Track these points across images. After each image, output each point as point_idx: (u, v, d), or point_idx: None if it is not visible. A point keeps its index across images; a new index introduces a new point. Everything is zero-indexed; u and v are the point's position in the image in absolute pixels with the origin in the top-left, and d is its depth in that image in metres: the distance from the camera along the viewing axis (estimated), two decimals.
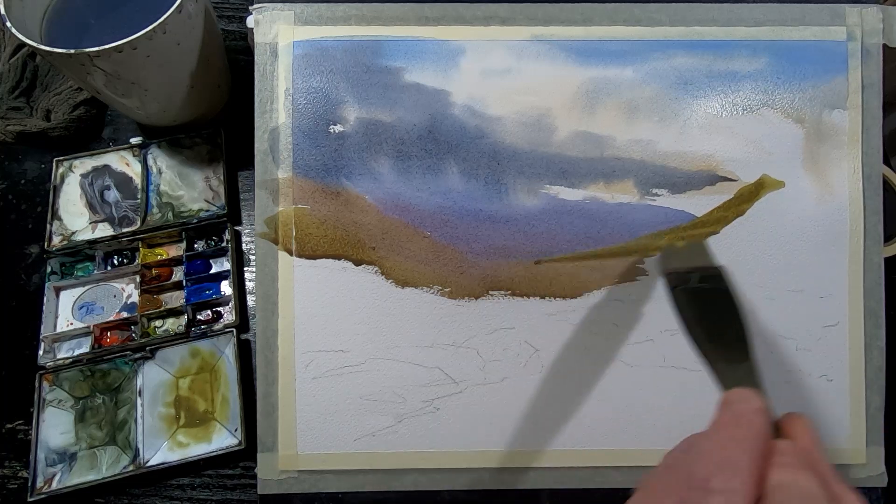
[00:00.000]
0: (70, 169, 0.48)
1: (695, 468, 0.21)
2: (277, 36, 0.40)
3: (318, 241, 0.39)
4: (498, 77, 0.40)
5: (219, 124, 0.50)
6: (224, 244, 0.46)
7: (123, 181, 0.48)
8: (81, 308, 0.45)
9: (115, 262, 0.46)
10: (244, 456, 0.41)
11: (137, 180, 0.48)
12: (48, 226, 0.46)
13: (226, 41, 0.52)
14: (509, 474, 0.39)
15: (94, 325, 0.43)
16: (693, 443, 0.23)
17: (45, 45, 0.37)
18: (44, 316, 0.43)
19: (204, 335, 0.43)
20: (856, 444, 0.39)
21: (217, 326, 0.44)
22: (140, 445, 0.40)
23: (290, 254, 0.39)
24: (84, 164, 0.49)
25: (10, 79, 0.51)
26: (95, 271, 0.46)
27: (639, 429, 0.39)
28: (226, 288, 0.45)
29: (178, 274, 0.46)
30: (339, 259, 0.39)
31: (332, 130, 0.39)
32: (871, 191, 0.39)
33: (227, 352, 0.43)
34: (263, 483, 0.38)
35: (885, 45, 0.40)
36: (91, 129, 0.51)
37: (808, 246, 0.39)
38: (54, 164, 0.48)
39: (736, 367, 0.26)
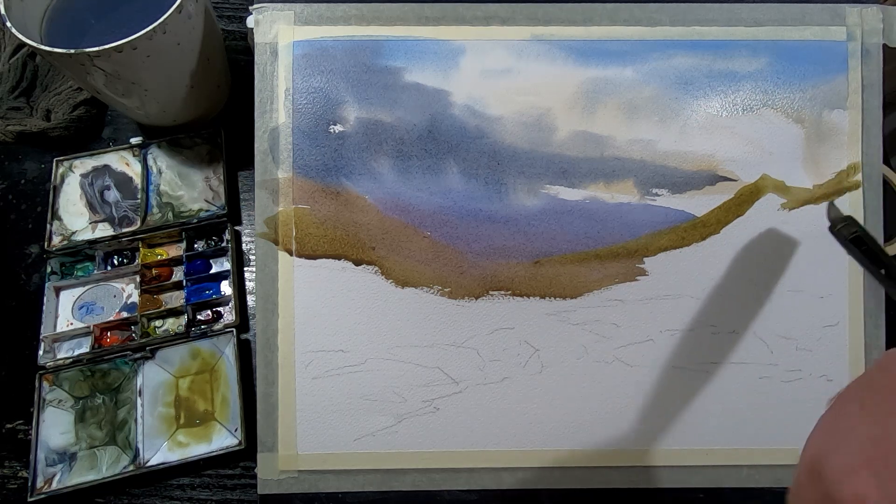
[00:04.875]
0: (70, 169, 0.48)
1: None
2: (277, 36, 0.40)
3: (318, 241, 0.39)
4: (498, 77, 0.40)
5: (219, 124, 0.50)
6: (224, 244, 0.46)
7: (123, 181, 0.48)
8: (81, 308, 0.45)
9: (115, 262, 0.46)
10: (244, 456, 0.41)
11: (137, 180, 0.48)
12: (48, 226, 0.46)
13: (226, 41, 0.52)
14: (509, 474, 0.39)
15: (94, 325, 0.43)
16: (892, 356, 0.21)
17: (45, 45, 0.37)
18: (44, 316, 0.43)
19: (204, 335, 0.43)
20: None
21: (217, 326, 0.44)
22: (140, 445, 0.40)
23: (290, 254, 0.39)
24: (84, 164, 0.49)
25: (10, 79, 0.51)
26: (95, 271, 0.46)
27: (638, 429, 0.39)
28: (226, 288, 0.45)
29: (178, 274, 0.46)
30: (339, 259, 0.39)
31: (332, 130, 0.39)
32: (871, 191, 0.39)
33: (227, 352, 0.43)
34: (263, 483, 0.38)
35: (885, 45, 0.40)
36: (91, 129, 0.51)
37: (808, 246, 0.39)
38: (54, 164, 0.48)
39: None
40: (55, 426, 0.41)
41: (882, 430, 0.18)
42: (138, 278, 0.45)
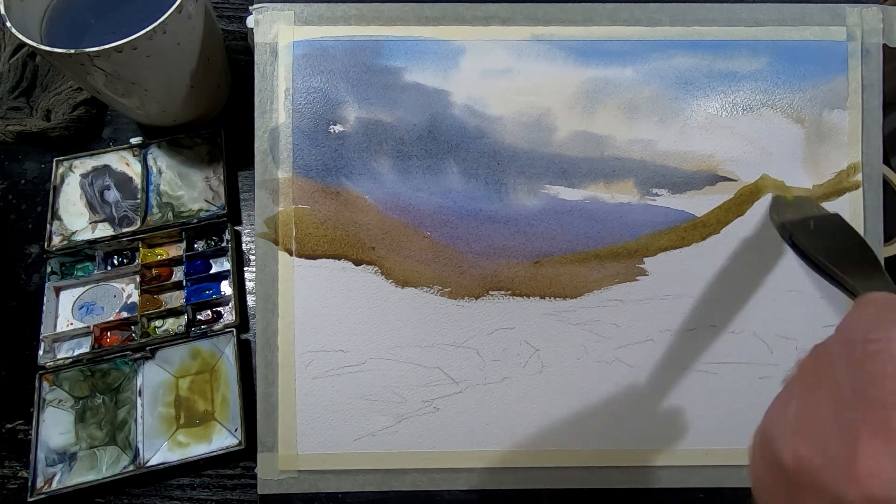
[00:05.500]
0: (70, 169, 0.48)
1: (849, 334, 0.22)
2: (277, 36, 0.40)
3: (318, 241, 0.39)
4: (498, 77, 0.40)
5: (219, 124, 0.50)
6: (224, 244, 0.46)
7: (123, 181, 0.48)
8: (81, 308, 0.45)
9: (115, 262, 0.46)
10: (244, 456, 0.41)
11: (137, 180, 0.48)
12: (48, 226, 0.46)
13: (226, 41, 0.52)
14: (509, 474, 0.39)
15: (94, 325, 0.43)
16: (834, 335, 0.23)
17: (45, 45, 0.37)
18: (44, 316, 0.43)
19: (204, 335, 0.43)
20: None
21: (217, 326, 0.44)
22: (140, 445, 0.40)
23: (290, 254, 0.39)
24: (84, 164, 0.49)
25: (10, 79, 0.51)
26: (95, 271, 0.46)
27: (638, 429, 0.39)
28: (226, 288, 0.45)
29: (178, 274, 0.46)
30: (339, 259, 0.39)
31: (332, 130, 0.39)
32: (871, 191, 0.39)
33: (227, 352, 0.43)
34: (263, 483, 0.38)
35: (885, 45, 0.40)
36: (91, 129, 0.51)
37: None
38: (54, 164, 0.48)
39: (872, 280, 0.27)
40: (55, 426, 0.41)
41: (807, 402, 0.22)
42: (138, 278, 0.45)
